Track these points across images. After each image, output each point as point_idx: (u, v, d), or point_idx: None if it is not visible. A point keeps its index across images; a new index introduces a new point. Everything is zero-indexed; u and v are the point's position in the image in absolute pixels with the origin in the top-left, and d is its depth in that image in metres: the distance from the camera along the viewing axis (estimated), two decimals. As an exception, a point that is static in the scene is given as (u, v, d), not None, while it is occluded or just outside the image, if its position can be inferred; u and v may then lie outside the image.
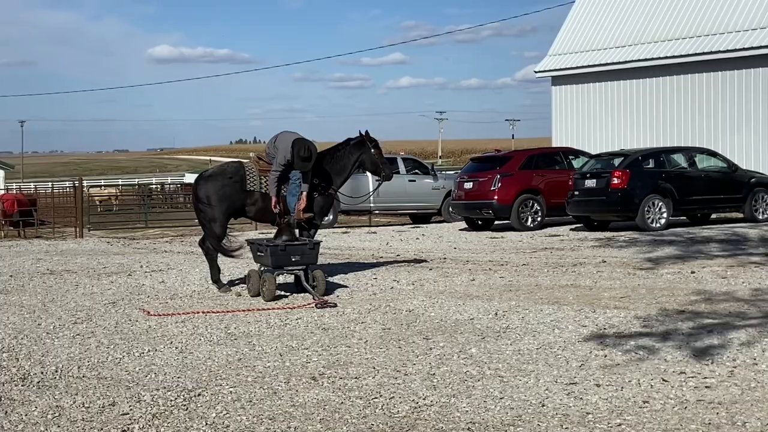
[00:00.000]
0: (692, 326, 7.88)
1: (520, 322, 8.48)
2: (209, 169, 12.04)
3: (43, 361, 7.33)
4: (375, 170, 12.44)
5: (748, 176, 20.15)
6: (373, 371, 6.70)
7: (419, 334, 8.10)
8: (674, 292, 9.94)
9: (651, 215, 18.44)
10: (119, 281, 12.64)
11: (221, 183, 11.42)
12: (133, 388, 6.38)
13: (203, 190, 11.45)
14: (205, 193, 11.41)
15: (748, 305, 8.93)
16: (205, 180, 11.57)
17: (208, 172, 11.82)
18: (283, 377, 6.60)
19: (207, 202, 11.40)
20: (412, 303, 9.76)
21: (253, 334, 8.37)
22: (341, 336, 8.12)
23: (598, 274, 11.91)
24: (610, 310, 8.84)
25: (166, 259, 15.75)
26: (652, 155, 19.68)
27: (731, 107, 25.32)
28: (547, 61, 30.37)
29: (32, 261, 16.01)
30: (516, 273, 12.34)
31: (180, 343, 7.99)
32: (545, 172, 21.24)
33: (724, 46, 25.23)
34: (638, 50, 27.56)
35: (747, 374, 6.25)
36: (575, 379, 6.28)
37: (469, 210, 21.48)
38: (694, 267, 12.10)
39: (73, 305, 10.43)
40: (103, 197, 43.83)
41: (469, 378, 6.42)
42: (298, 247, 10.61)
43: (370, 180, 24.04)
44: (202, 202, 11.44)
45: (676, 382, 6.09)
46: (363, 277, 12.15)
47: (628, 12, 28.82)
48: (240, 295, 10.95)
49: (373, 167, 12.36)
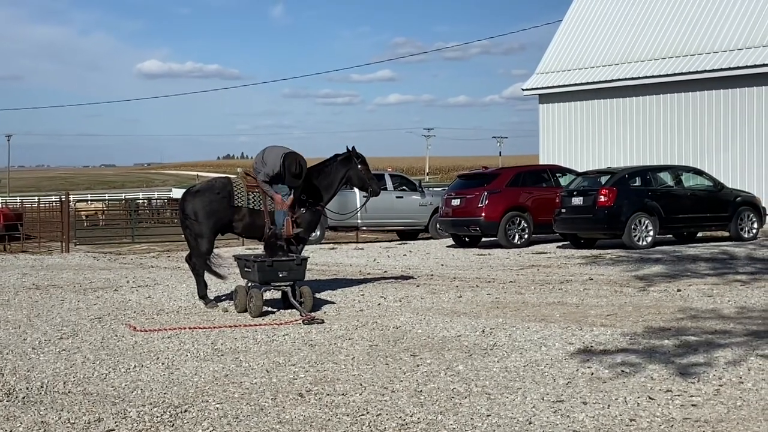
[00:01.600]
0: (678, 344, 7.90)
1: (507, 339, 8.49)
2: (196, 184, 11.99)
3: (29, 377, 7.28)
4: (362, 186, 12.47)
5: (733, 195, 20.25)
6: (360, 388, 6.69)
7: (406, 350, 8.09)
8: (661, 310, 9.97)
9: (637, 233, 18.51)
10: (105, 296, 12.59)
11: (209, 199, 11.38)
12: (119, 404, 6.35)
13: (190, 206, 11.40)
14: (193, 209, 11.36)
15: (734, 323, 8.97)
16: (192, 195, 11.51)
17: (195, 188, 11.77)
18: (270, 394, 6.58)
19: (194, 218, 11.35)
20: (399, 320, 9.76)
21: (240, 350, 8.34)
22: (328, 352, 8.11)
23: (584, 291, 11.93)
24: (596, 328, 8.86)
25: (152, 275, 15.70)
26: (639, 173, 19.77)
27: (717, 126, 25.49)
28: (534, 79, 30.52)
29: (18, 276, 15.92)
30: (503, 290, 12.36)
31: (166, 358, 7.96)
32: (532, 189, 21.30)
33: (710, 65, 25.43)
34: (625, 69, 27.74)
35: (733, 392, 6.27)
36: (562, 396, 6.28)
37: (457, 227, 21.50)
38: (680, 285, 12.15)
39: (58, 320, 10.38)
40: (89, 212, 43.65)
41: (456, 395, 6.42)
42: (286, 263, 10.60)
43: (358, 196, 24.05)
44: (189, 218, 11.40)
45: (663, 400, 6.10)
46: (350, 294, 12.14)
47: (615, 31, 29.02)
48: (227, 311, 10.92)
49: (360, 183, 12.39)
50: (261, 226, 11.56)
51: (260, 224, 11.55)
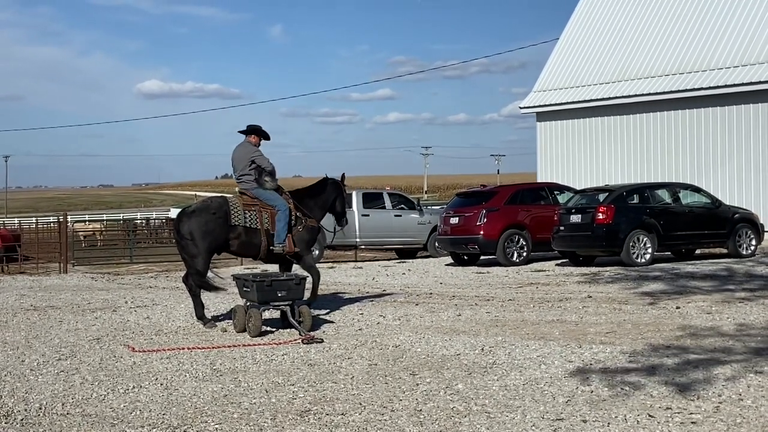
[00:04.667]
0: (678, 361, 7.90)
1: (506, 357, 8.48)
2: (191, 204, 11.98)
3: (27, 398, 7.26)
4: (340, 214, 12.68)
5: (731, 212, 20.28)
6: (360, 407, 6.68)
7: (406, 369, 8.08)
8: (660, 328, 9.97)
9: (636, 250, 18.52)
10: (104, 317, 12.56)
11: (204, 219, 11.36)
12: (118, 425, 6.33)
13: (186, 227, 11.37)
14: (188, 229, 11.33)
15: (734, 340, 8.96)
16: (188, 216, 11.47)
17: (190, 208, 11.73)
18: (269, 414, 6.56)
19: (190, 238, 11.32)
20: (398, 338, 9.75)
21: (238, 370, 8.33)
22: (327, 372, 8.10)
23: (584, 309, 11.93)
24: (596, 346, 8.85)
25: (151, 295, 15.68)
26: (637, 191, 19.80)
27: (715, 143, 25.56)
28: (532, 97, 30.62)
29: (16, 297, 15.90)
30: (502, 308, 12.35)
31: (165, 379, 7.94)
32: (531, 207, 21.32)
33: (707, 83, 25.51)
34: (622, 87, 27.84)
35: (732, 410, 6.26)
36: (562, 414, 6.27)
37: (455, 245, 21.51)
38: (679, 302, 12.14)
39: (57, 341, 10.35)
40: (87, 232, 43.64)
41: (455, 414, 6.40)
42: (284, 282, 10.59)
43: (356, 215, 24.12)
44: (185, 238, 11.37)
45: (663, 418, 6.09)
46: (349, 313, 12.13)
47: (612, 49, 29.15)
48: (226, 331, 10.90)
49: (340, 209, 12.62)
50: (257, 245, 11.60)
51: (257, 242, 11.58)
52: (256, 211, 11.58)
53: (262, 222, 11.56)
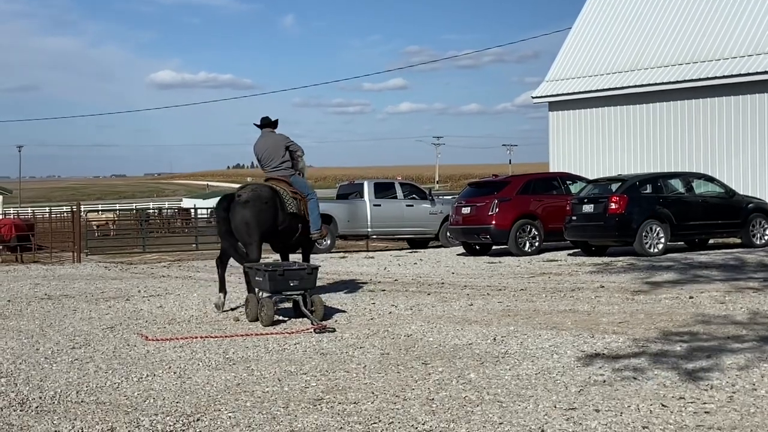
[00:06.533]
0: (691, 351, 7.88)
1: (518, 347, 8.48)
2: (240, 192, 11.73)
3: (42, 386, 7.31)
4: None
5: (745, 201, 20.19)
6: (372, 396, 6.69)
7: (418, 359, 8.09)
8: (673, 317, 9.94)
9: (649, 240, 18.46)
10: (117, 306, 12.62)
11: (258, 208, 11.42)
12: (132, 413, 6.37)
13: (240, 216, 11.36)
14: (244, 218, 11.35)
15: (747, 330, 8.93)
16: (242, 205, 11.41)
17: (241, 198, 11.51)
18: (281, 402, 6.58)
19: (245, 228, 11.38)
20: (410, 328, 9.75)
21: (251, 359, 8.35)
22: (340, 361, 8.11)
23: (596, 299, 11.91)
24: (608, 335, 8.84)
25: (163, 284, 15.74)
26: (650, 180, 19.73)
27: (728, 133, 25.42)
28: (544, 86, 30.51)
29: (30, 286, 15.98)
30: (514, 298, 12.34)
31: (178, 368, 7.97)
32: (543, 197, 21.28)
33: (721, 72, 25.36)
34: (635, 76, 27.70)
35: (746, 399, 6.25)
36: (574, 404, 6.27)
37: (467, 235, 21.49)
38: (692, 292, 12.11)
39: (71, 330, 10.41)
40: (100, 222, 43.81)
41: (468, 403, 6.41)
42: (297, 271, 10.61)
43: (368, 205, 24.12)
44: (240, 227, 11.41)
45: (676, 407, 6.08)
46: (361, 302, 12.15)
47: (625, 38, 29.01)
48: (238, 320, 10.94)
49: None
50: (296, 231, 12.04)
51: (296, 229, 12.01)
52: (299, 198, 12.01)
53: (301, 209, 12.00)
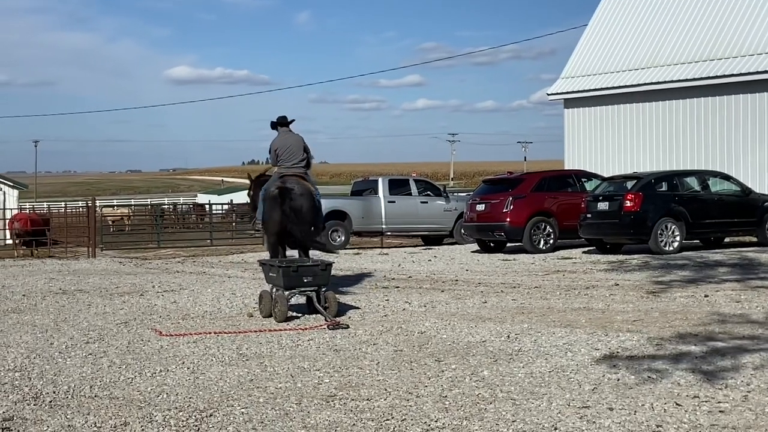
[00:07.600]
0: (706, 350, 7.83)
1: (532, 344, 8.45)
2: (291, 185, 12.19)
3: (56, 381, 7.34)
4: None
5: (761, 200, 20.07)
6: (385, 393, 6.68)
7: (431, 356, 8.08)
8: (687, 316, 9.89)
9: (664, 238, 18.38)
10: (131, 301, 12.66)
11: (309, 197, 12.17)
12: (145, 408, 6.38)
13: (298, 202, 11.94)
14: (303, 206, 11.98)
15: (762, 329, 8.87)
16: (298, 196, 12.01)
17: (295, 190, 12.04)
18: (294, 398, 6.58)
19: (307, 215, 12.02)
20: (424, 325, 9.74)
21: (264, 355, 8.36)
22: (353, 357, 8.11)
23: (610, 297, 11.86)
24: (623, 334, 8.80)
25: (178, 280, 15.78)
26: (665, 178, 19.64)
27: (745, 130, 25.26)
28: (559, 83, 30.41)
29: (45, 280, 16.06)
30: (528, 295, 12.31)
31: (192, 363, 7.99)
32: (558, 194, 21.22)
33: (737, 69, 25.20)
34: (651, 73, 27.57)
35: (761, 399, 6.20)
36: (588, 402, 6.24)
37: (481, 232, 21.45)
38: (707, 290, 12.04)
39: (85, 325, 10.45)
40: (115, 217, 43.99)
41: (481, 401, 6.39)
42: (310, 268, 10.62)
43: (383, 202, 24.11)
44: (301, 215, 11.92)
45: (690, 407, 6.04)
46: (375, 299, 12.14)
47: (641, 35, 28.86)
48: (252, 316, 10.95)
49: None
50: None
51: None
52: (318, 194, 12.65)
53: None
